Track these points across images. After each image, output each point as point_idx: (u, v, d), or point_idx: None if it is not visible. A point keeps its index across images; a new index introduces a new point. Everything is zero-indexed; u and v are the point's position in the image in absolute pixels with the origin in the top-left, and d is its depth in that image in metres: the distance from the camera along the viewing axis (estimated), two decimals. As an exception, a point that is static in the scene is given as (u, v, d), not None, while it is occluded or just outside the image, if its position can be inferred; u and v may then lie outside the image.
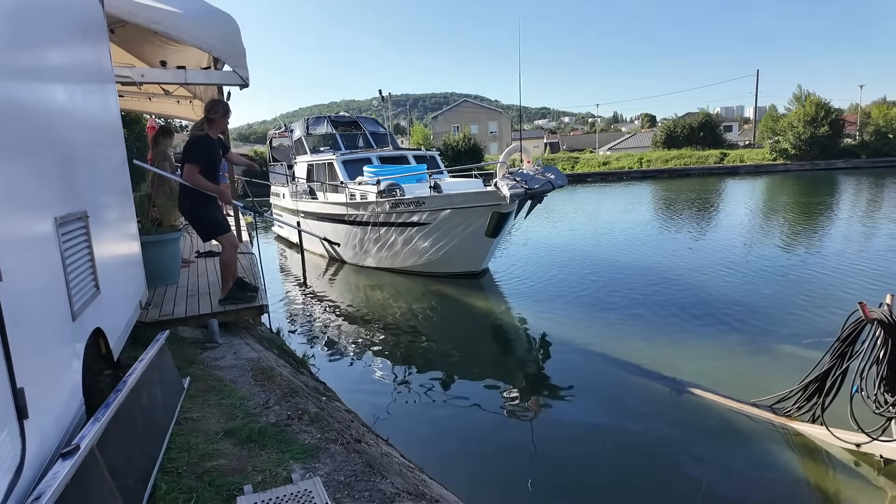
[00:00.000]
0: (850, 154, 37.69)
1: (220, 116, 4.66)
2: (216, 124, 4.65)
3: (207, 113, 4.64)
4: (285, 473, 2.42)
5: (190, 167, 4.45)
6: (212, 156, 4.63)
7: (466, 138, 42.09)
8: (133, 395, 2.42)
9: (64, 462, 1.66)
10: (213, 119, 4.61)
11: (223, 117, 4.70)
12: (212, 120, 4.61)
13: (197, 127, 4.71)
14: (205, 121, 4.63)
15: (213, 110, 4.63)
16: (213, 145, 4.66)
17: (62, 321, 2.13)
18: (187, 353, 4.10)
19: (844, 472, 3.83)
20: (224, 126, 4.80)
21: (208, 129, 4.62)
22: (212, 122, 4.61)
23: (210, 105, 4.71)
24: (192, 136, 4.67)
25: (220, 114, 4.65)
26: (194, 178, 4.47)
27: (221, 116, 4.67)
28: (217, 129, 4.68)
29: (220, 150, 4.81)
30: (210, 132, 4.63)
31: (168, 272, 5.52)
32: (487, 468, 4.10)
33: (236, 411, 3.11)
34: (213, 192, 4.60)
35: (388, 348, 6.78)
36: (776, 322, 6.79)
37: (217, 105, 4.69)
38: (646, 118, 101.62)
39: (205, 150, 4.55)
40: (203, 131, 4.61)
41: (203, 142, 4.57)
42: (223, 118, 4.71)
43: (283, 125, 17.12)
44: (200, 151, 4.51)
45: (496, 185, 8.31)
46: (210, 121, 4.61)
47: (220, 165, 4.84)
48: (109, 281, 2.93)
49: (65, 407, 2.04)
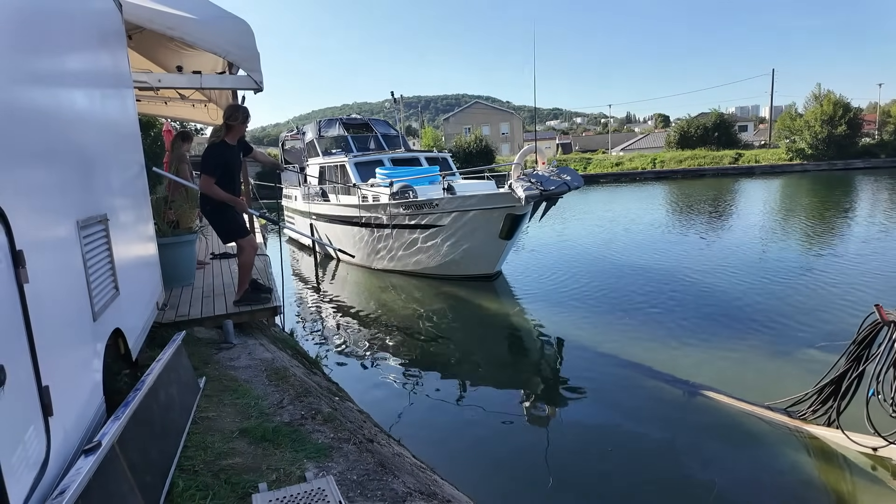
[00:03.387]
0: (868, 153, 37.06)
1: (240, 123, 4.67)
2: (235, 130, 4.66)
3: (227, 119, 4.65)
4: (299, 472, 2.46)
5: (205, 178, 4.50)
6: (228, 163, 4.66)
7: (478, 140, 42.09)
8: (151, 394, 2.47)
9: (86, 458, 1.71)
10: (231, 125, 4.62)
11: (242, 123, 4.70)
12: (231, 126, 4.63)
13: (215, 133, 4.74)
14: (224, 126, 4.66)
15: (233, 117, 4.65)
16: (230, 152, 4.68)
17: (84, 321, 2.19)
18: (203, 353, 4.17)
19: (860, 476, 3.79)
20: (243, 131, 4.80)
21: (226, 134, 4.64)
22: (230, 128, 4.63)
23: (230, 111, 4.73)
24: (210, 144, 4.69)
25: (239, 120, 4.65)
26: (210, 188, 4.51)
27: (241, 123, 4.68)
28: (236, 135, 4.70)
29: (239, 154, 4.83)
30: (228, 138, 4.65)
31: (184, 274, 5.60)
32: (499, 469, 4.11)
33: (251, 411, 3.16)
34: (229, 202, 4.62)
35: (401, 350, 6.81)
36: (791, 324, 6.72)
37: (237, 111, 4.70)
38: (659, 118, 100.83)
39: (221, 160, 4.58)
40: (220, 138, 4.63)
41: (219, 151, 4.59)
42: (242, 124, 4.71)
43: (296, 128, 17.25)
44: (216, 162, 4.54)
45: (511, 187, 8.26)
46: (229, 127, 4.63)
47: (239, 170, 4.88)
48: (128, 282, 3.00)
49: (86, 405, 2.09)
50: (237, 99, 6.81)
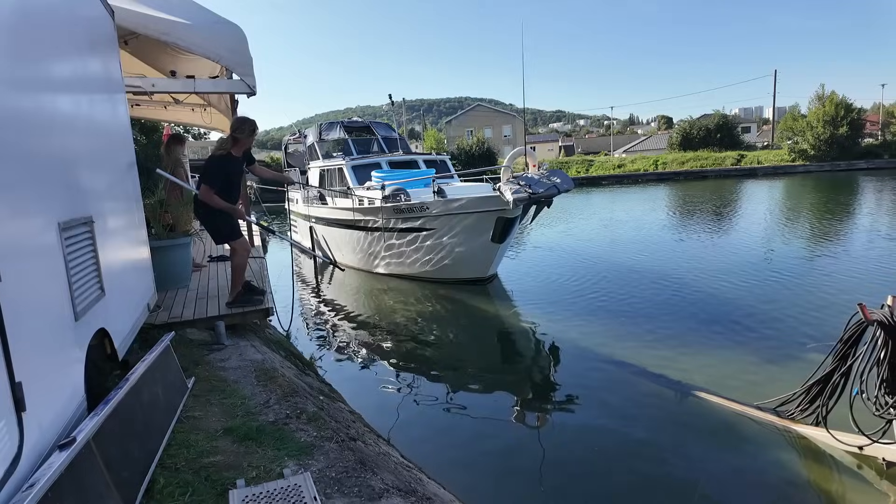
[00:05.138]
0: (871, 154, 36.88)
1: (247, 136, 4.68)
2: (241, 143, 4.67)
3: (234, 132, 4.66)
4: (279, 469, 2.49)
5: (205, 188, 4.55)
6: (229, 175, 4.69)
7: (480, 142, 42.16)
8: (133, 392, 2.51)
9: (60, 453, 1.75)
10: (238, 138, 4.64)
11: (249, 137, 4.70)
12: (237, 139, 4.64)
13: (222, 145, 4.73)
14: (230, 139, 4.67)
15: (240, 130, 4.65)
16: (233, 165, 4.71)
17: (64, 321, 2.23)
18: (194, 354, 4.21)
19: (847, 475, 3.80)
20: (249, 144, 4.80)
21: (233, 146, 4.65)
22: (237, 140, 4.64)
23: (237, 124, 4.73)
24: (213, 155, 4.71)
25: (245, 133, 4.66)
26: (210, 198, 4.55)
27: (247, 136, 4.68)
28: (241, 148, 4.70)
29: (242, 165, 4.86)
30: (234, 150, 4.66)
31: (179, 276, 5.65)
32: (489, 470, 4.14)
33: (237, 410, 3.20)
34: (226, 210, 4.65)
35: (396, 353, 6.84)
36: (785, 324, 6.73)
37: (244, 124, 4.69)
38: (662, 120, 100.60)
39: (222, 173, 4.62)
40: (226, 150, 4.64)
41: (222, 163, 4.63)
42: (249, 138, 4.71)
43: (298, 131, 17.32)
44: (217, 174, 4.59)
45: (499, 190, 8.21)
46: (235, 140, 4.64)
47: (240, 180, 4.93)
48: (115, 284, 3.04)
49: (66, 402, 2.13)
50: (235, 103, 6.88)
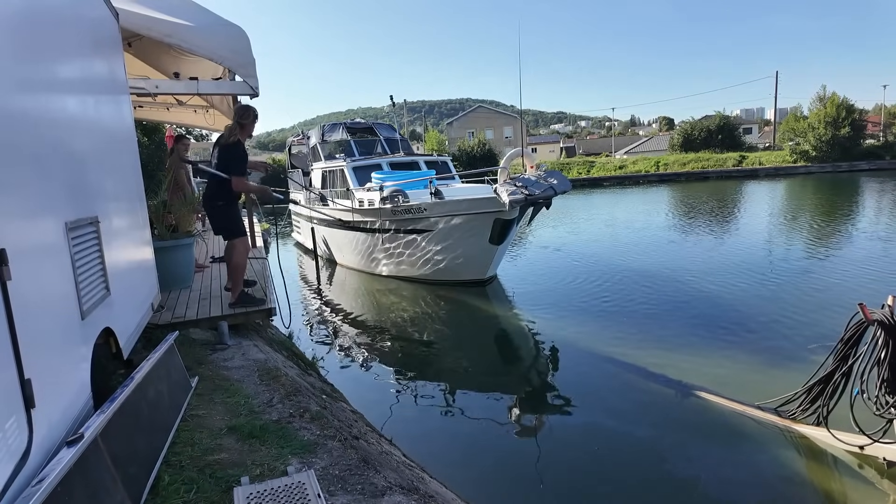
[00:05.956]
0: (873, 155, 36.83)
1: (251, 122, 4.86)
2: (246, 129, 4.85)
3: (240, 118, 4.81)
4: (282, 467, 2.51)
5: (237, 179, 4.72)
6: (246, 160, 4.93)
7: (481, 143, 42.22)
8: (139, 390, 2.54)
9: (68, 449, 1.77)
10: (244, 124, 4.81)
11: (253, 122, 4.90)
12: (243, 125, 4.81)
13: (231, 132, 4.85)
14: (236, 126, 4.81)
15: (245, 116, 4.82)
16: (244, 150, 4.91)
17: (71, 320, 2.26)
18: (198, 353, 4.24)
19: (848, 475, 3.81)
20: (252, 130, 5.00)
21: (240, 133, 4.81)
22: (243, 126, 4.81)
23: (241, 111, 4.89)
24: (231, 143, 4.80)
25: (250, 119, 4.84)
26: (245, 186, 4.82)
27: (252, 122, 4.87)
28: (247, 133, 4.89)
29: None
30: (241, 136, 4.83)
31: (182, 276, 5.68)
32: (491, 469, 4.16)
33: (241, 409, 3.22)
34: (259, 191, 5.03)
35: (396, 354, 6.87)
36: (785, 325, 6.74)
37: (248, 110, 4.87)
38: (663, 121, 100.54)
39: (245, 158, 4.86)
40: (236, 137, 4.79)
41: (242, 149, 4.81)
42: (253, 123, 4.91)
43: (301, 132, 17.37)
44: (242, 161, 4.79)
45: (496, 192, 8.21)
46: (242, 126, 4.80)
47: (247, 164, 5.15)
48: (120, 283, 3.06)
49: (73, 399, 2.16)
50: (237, 104, 6.91)
